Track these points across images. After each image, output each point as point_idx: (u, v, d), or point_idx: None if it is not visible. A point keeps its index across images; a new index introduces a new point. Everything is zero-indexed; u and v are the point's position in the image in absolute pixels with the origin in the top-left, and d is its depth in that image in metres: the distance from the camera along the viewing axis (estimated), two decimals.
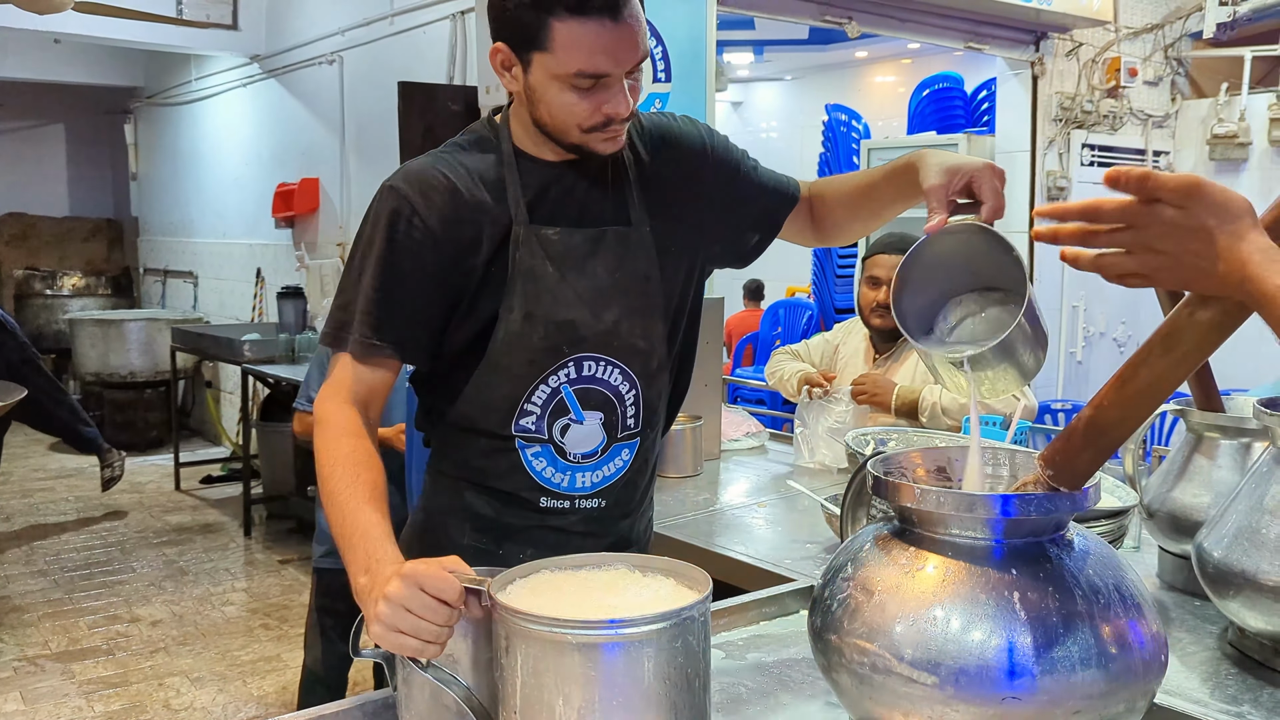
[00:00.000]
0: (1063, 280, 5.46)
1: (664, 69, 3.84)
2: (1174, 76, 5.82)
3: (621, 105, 1.30)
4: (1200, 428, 1.65)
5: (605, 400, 1.43)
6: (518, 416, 1.41)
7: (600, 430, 1.44)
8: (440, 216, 1.34)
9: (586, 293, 1.40)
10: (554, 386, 1.41)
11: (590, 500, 1.46)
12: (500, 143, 1.40)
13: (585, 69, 1.26)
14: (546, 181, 1.40)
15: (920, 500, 1.07)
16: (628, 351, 1.43)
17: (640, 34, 1.28)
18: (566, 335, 1.39)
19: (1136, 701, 1.05)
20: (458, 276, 1.37)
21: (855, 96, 7.47)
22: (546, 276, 1.38)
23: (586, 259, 1.40)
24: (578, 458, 1.44)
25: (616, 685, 0.96)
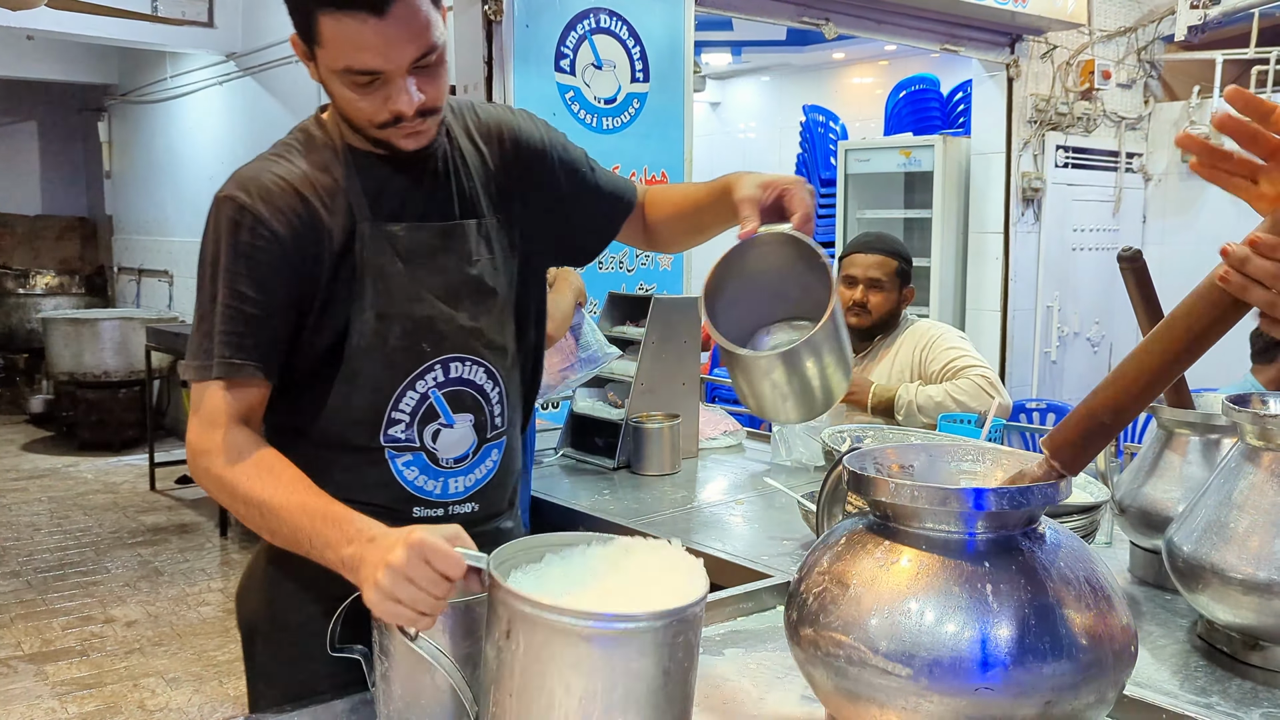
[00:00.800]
0: (1037, 280, 5.52)
1: (642, 69, 3.85)
2: (1147, 79, 5.88)
3: (404, 103, 1.24)
4: (1171, 424, 1.68)
5: (474, 401, 1.40)
6: (386, 425, 1.36)
7: (471, 432, 1.40)
8: (283, 221, 1.28)
9: (439, 289, 1.36)
10: (422, 391, 1.36)
11: (463, 505, 1.42)
12: (333, 140, 1.34)
13: (353, 65, 1.22)
14: (385, 177, 1.35)
15: (894, 494, 1.08)
16: (489, 349, 1.41)
17: (420, 27, 1.22)
18: (425, 334, 1.35)
19: (1107, 692, 1.07)
20: (308, 282, 1.31)
21: (832, 97, 7.50)
22: (396, 274, 1.33)
23: (436, 254, 1.36)
24: (450, 463, 1.40)
25: (619, 675, 0.97)
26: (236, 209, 1.28)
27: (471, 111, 1.46)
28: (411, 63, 1.23)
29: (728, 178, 1.40)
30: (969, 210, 5.46)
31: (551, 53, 3.63)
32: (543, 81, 3.62)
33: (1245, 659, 1.38)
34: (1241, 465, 1.39)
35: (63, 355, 7.65)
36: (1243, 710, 1.28)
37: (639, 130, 3.85)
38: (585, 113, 3.73)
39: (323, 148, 1.34)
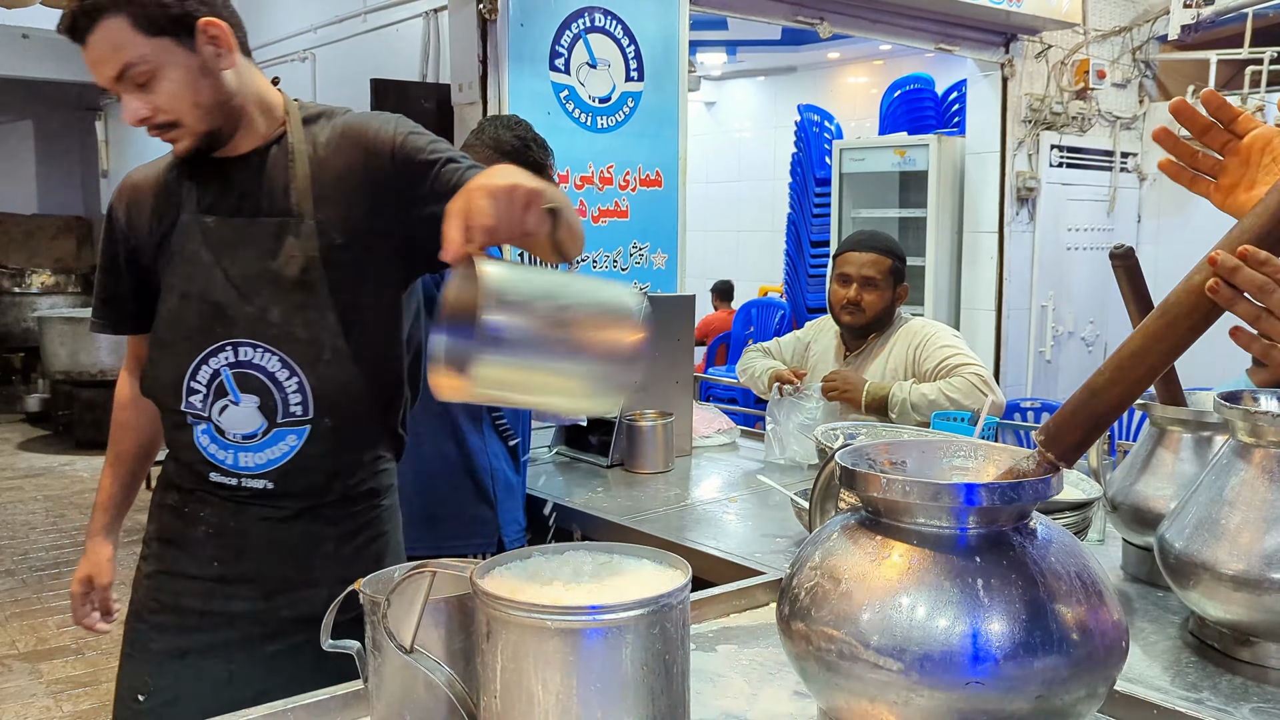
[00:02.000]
0: (1032, 280, 5.53)
1: (637, 68, 3.86)
2: (1141, 79, 5.90)
3: (126, 114, 1.46)
4: (1163, 422, 1.68)
5: (262, 385, 1.50)
6: (186, 393, 1.53)
7: (258, 414, 1.51)
8: (126, 209, 1.58)
9: (237, 279, 1.49)
10: (214, 369, 1.51)
11: (256, 480, 1.53)
12: None
13: (91, 74, 1.46)
14: (214, 175, 1.52)
15: (886, 489, 1.08)
16: (285, 339, 1.49)
17: (108, 48, 1.41)
18: (217, 317, 1.49)
19: (1097, 687, 1.07)
20: (143, 259, 1.57)
21: (827, 97, 7.52)
22: (202, 261, 1.50)
23: (238, 246, 1.50)
24: (238, 438, 1.51)
25: (595, 671, 0.97)
26: (113, 198, 1.62)
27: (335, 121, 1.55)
28: (113, 78, 1.43)
29: None
30: (964, 209, 5.47)
31: (546, 51, 3.64)
32: (537, 80, 3.62)
33: (1236, 655, 1.39)
34: (1233, 462, 1.40)
35: (59, 354, 7.64)
36: (1233, 705, 1.28)
37: (634, 129, 3.86)
38: (580, 111, 3.73)
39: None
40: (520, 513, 2.39)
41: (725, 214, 8.06)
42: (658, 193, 3.95)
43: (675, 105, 3.97)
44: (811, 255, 6.20)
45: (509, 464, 2.38)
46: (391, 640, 1.08)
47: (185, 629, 1.59)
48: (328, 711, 1.23)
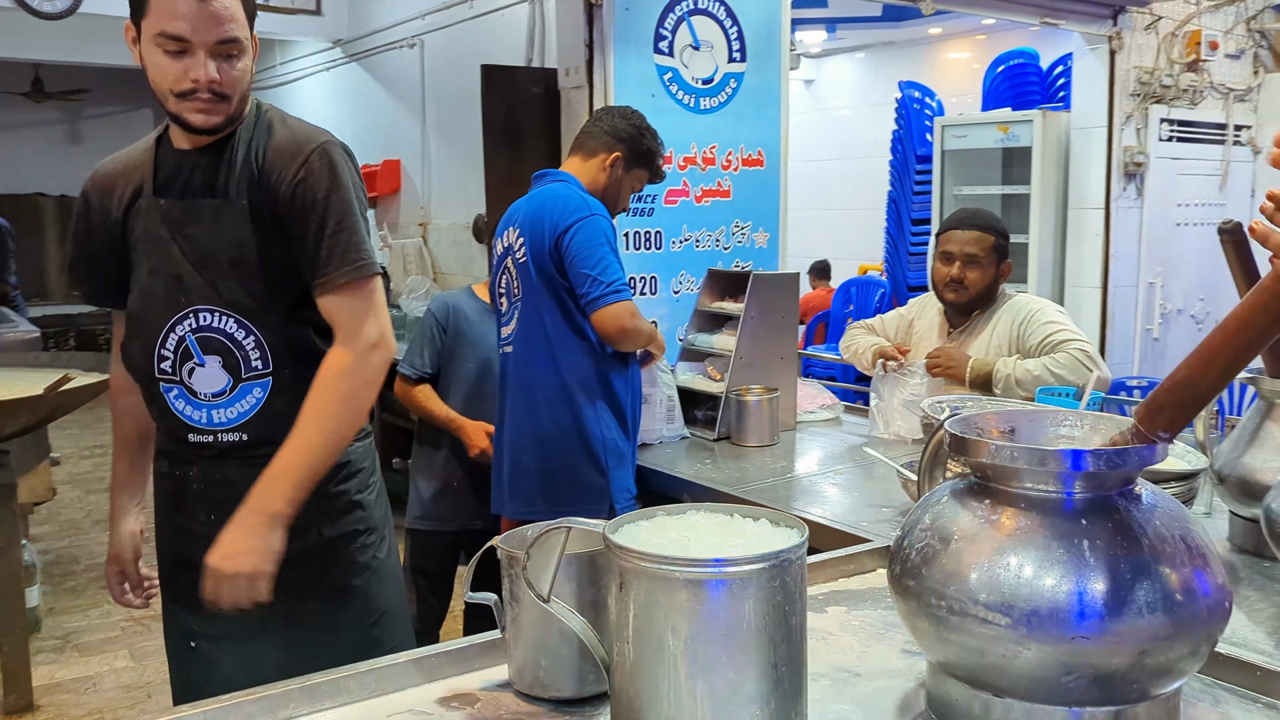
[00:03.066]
0: (1139, 257, 5.41)
1: (739, 49, 3.91)
2: (1256, 49, 5.69)
3: (200, 73, 1.58)
4: (1271, 395, 1.70)
5: (222, 346, 1.70)
6: (158, 360, 1.71)
7: (223, 372, 1.70)
8: (95, 191, 1.76)
9: (190, 253, 1.69)
10: (180, 335, 1.69)
11: (231, 434, 1.72)
12: (163, 137, 1.74)
13: (167, 30, 1.56)
14: (174, 163, 1.72)
15: (995, 455, 1.15)
16: (235, 304, 1.68)
17: (226, 17, 1.58)
18: (180, 287, 1.69)
19: (1200, 646, 1.12)
20: (110, 238, 1.75)
21: (928, 73, 7.42)
22: (161, 239, 1.69)
23: (188, 224, 1.69)
24: (208, 396, 1.71)
25: (720, 619, 1.05)
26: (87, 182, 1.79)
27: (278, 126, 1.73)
28: (215, 42, 1.58)
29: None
30: (1068, 186, 5.37)
31: (650, 34, 3.71)
32: (642, 63, 3.70)
33: None
34: None
35: None
36: None
37: (736, 110, 3.91)
38: (683, 93, 3.80)
39: (154, 143, 1.75)
40: (631, 481, 2.51)
41: (824, 192, 8.04)
42: (759, 172, 4.01)
43: (777, 85, 4.01)
44: (912, 233, 6.16)
45: (620, 434, 2.49)
46: (531, 590, 1.19)
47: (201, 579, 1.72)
48: (468, 659, 1.35)
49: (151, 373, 1.73)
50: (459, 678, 1.33)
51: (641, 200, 3.68)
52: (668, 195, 3.81)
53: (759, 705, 1.08)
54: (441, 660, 1.33)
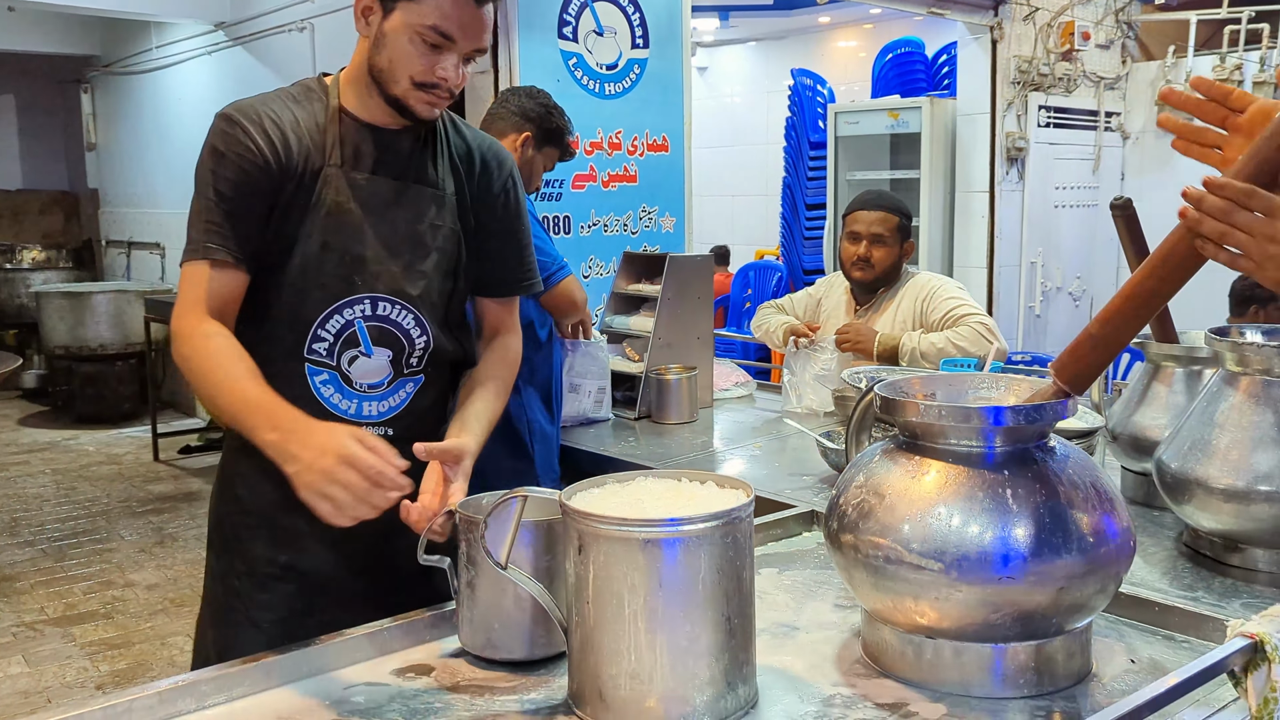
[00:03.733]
0: (1021, 238, 5.68)
1: (642, 35, 3.96)
2: (1124, 40, 6.03)
3: (452, 73, 1.50)
4: (1158, 358, 1.84)
5: (395, 339, 1.59)
6: (310, 341, 1.55)
7: (388, 365, 1.59)
8: (263, 136, 1.51)
9: (385, 236, 1.56)
10: (348, 319, 1.56)
11: (377, 428, 1.59)
12: (328, 99, 1.58)
13: (440, 25, 1.47)
14: (363, 137, 1.57)
15: (924, 414, 1.24)
16: (419, 298, 1.59)
17: (489, 27, 1.51)
18: (358, 269, 1.55)
19: (1108, 584, 1.23)
20: (273, 198, 1.52)
21: (819, 61, 7.61)
22: (350, 214, 1.54)
23: (389, 206, 1.57)
24: (364, 387, 1.59)
25: (677, 576, 1.11)
26: (228, 121, 1.52)
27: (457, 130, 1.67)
28: (471, 49, 1.52)
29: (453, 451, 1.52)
30: (955, 170, 5.60)
31: (554, 20, 3.73)
32: (547, 48, 3.72)
33: (1226, 560, 1.56)
34: (1222, 389, 1.56)
35: (57, 329, 7.70)
36: (1224, 602, 1.45)
37: (640, 95, 3.97)
38: (588, 79, 3.84)
39: (316, 103, 1.58)
40: (555, 462, 2.54)
41: (719, 179, 8.17)
42: (664, 157, 4.07)
43: (679, 71, 4.08)
44: (807, 218, 6.33)
45: (544, 415, 2.53)
46: (489, 557, 1.22)
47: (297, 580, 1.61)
48: (419, 631, 1.37)
49: (298, 352, 1.55)
50: (413, 649, 1.35)
51: (550, 185, 3.70)
52: (575, 180, 3.84)
53: (714, 657, 1.14)
54: (395, 633, 1.35)
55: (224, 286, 1.51)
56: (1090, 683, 1.24)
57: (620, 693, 1.13)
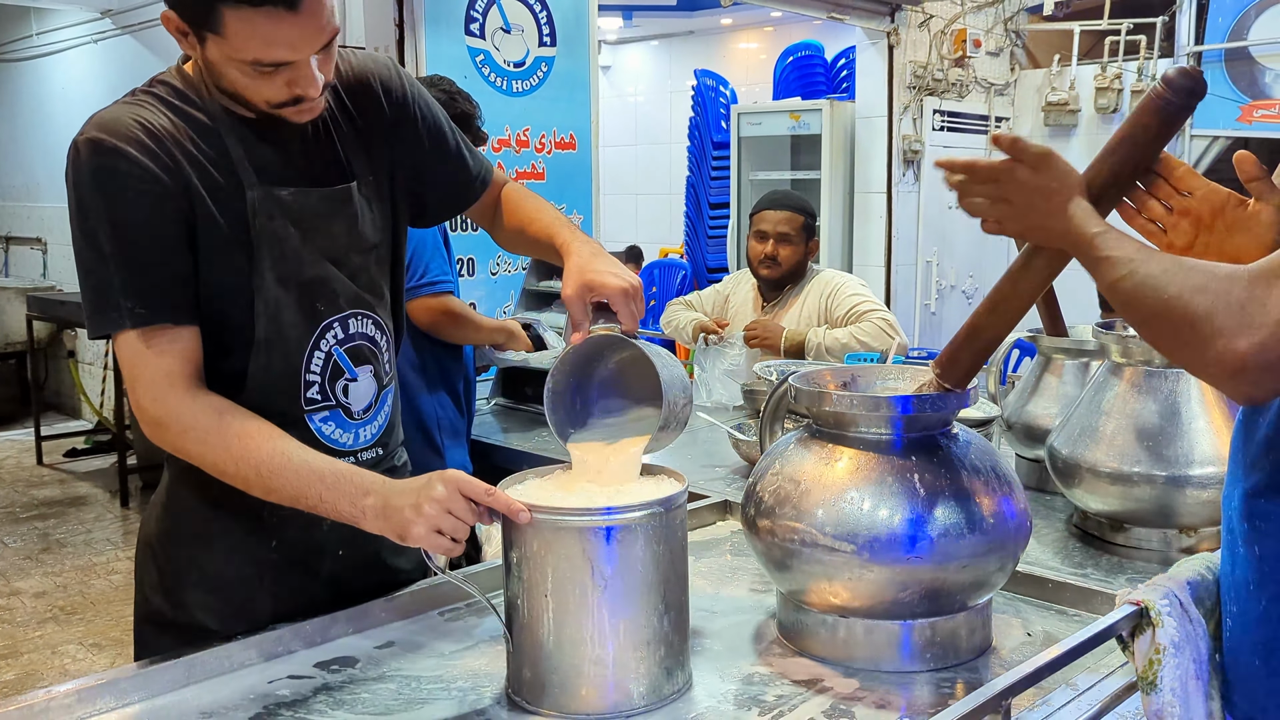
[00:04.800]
0: (918, 238, 5.87)
1: (549, 33, 3.97)
2: (1013, 48, 6.28)
3: (309, 85, 1.26)
4: (1049, 350, 1.95)
5: (370, 353, 1.46)
6: (304, 390, 1.38)
7: (373, 381, 1.46)
8: (155, 160, 1.25)
9: (330, 251, 1.38)
10: (326, 350, 1.40)
11: (369, 451, 1.47)
12: (204, 100, 1.31)
13: (262, 59, 1.21)
14: (261, 139, 1.34)
15: (837, 404, 1.30)
16: (375, 301, 1.45)
17: (325, 17, 1.22)
18: (319, 295, 1.38)
19: (1007, 562, 1.30)
20: (190, 225, 1.28)
21: (721, 62, 7.72)
22: (290, 239, 1.34)
23: (324, 218, 1.37)
24: (359, 413, 1.45)
25: (616, 561, 1.13)
26: (103, 151, 1.23)
27: (342, 62, 1.42)
28: (318, 48, 1.24)
29: (566, 243, 1.42)
30: (854, 171, 5.76)
31: (461, 16, 3.72)
32: (453, 45, 3.70)
33: (1112, 539, 1.66)
34: (1108, 379, 1.66)
35: None
36: (1111, 577, 1.55)
37: (548, 93, 3.98)
38: (496, 76, 3.83)
39: (190, 106, 1.31)
40: (466, 457, 2.54)
41: (623, 178, 8.22)
42: (572, 155, 4.09)
43: (586, 69, 4.10)
44: (711, 217, 6.42)
45: (454, 410, 2.53)
46: (430, 563, 1.22)
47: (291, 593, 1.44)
48: (340, 625, 1.37)
49: (295, 404, 1.38)
50: (337, 641, 1.35)
51: None
52: None
53: (652, 644, 1.16)
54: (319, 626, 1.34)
55: (181, 347, 1.28)
56: (991, 655, 1.31)
57: (561, 682, 1.15)
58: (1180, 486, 1.55)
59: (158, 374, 1.26)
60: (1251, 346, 0.92)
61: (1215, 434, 1.55)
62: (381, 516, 1.21)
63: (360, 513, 1.23)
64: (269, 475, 1.25)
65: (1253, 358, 0.92)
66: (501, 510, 1.16)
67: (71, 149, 1.26)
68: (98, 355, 7.05)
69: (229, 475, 1.27)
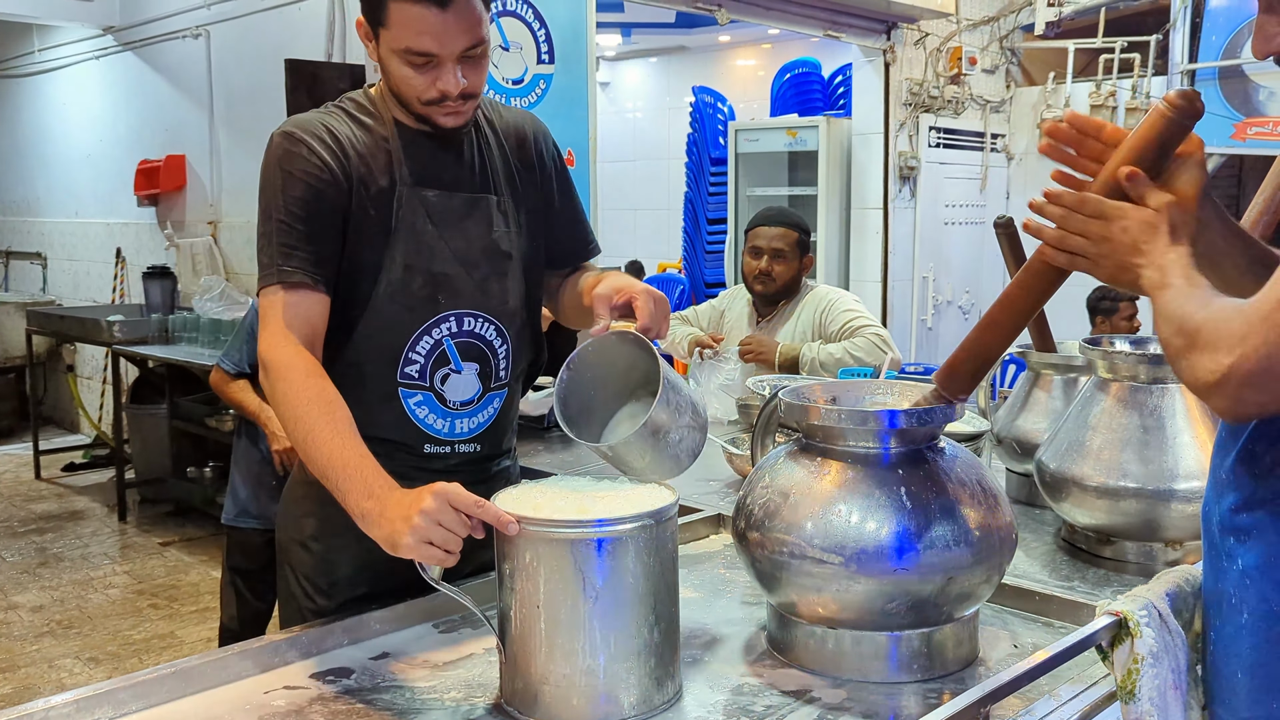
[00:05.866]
0: (914, 253, 5.90)
1: (547, 51, 4.01)
2: (1008, 66, 6.33)
3: (450, 84, 1.45)
4: (1038, 366, 1.97)
5: (481, 353, 1.59)
6: (403, 364, 1.53)
7: (476, 380, 1.58)
8: (330, 153, 1.48)
9: (461, 251, 1.56)
10: (436, 339, 1.54)
11: (468, 445, 1.60)
12: (380, 113, 1.55)
13: (413, 47, 1.43)
14: (425, 150, 1.55)
15: (825, 418, 1.32)
16: (500, 308, 1.59)
17: (472, 22, 1.43)
18: (442, 288, 1.54)
19: (993, 575, 1.32)
20: (345, 214, 1.49)
21: (719, 79, 7.77)
22: (426, 233, 1.53)
23: (462, 220, 1.56)
24: (457, 405, 1.57)
25: (607, 573, 1.15)
26: (291, 140, 1.49)
27: (496, 110, 1.67)
28: (462, 51, 1.44)
29: (600, 276, 1.60)
30: (851, 187, 5.80)
31: None
32: None
33: (1099, 553, 1.68)
34: (1095, 394, 1.68)
35: None
36: (1098, 590, 1.57)
37: (546, 110, 4.01)
38: (494, 93, 3.87)
39: (369, 117, 1.55)
40: None
41: (621, 193, 8.26)
42: (570, 171, 4.12)
43: (584, 86, 4.14)
44: (708, 232, 6.46)
45: None
46: (423, 574, 1.23)
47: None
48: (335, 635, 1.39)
49: (392, 377, 1.53)
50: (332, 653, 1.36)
51: None
52: None
53: (643, 655, 1.18)
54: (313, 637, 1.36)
55: (309, 311, 1.46)
56: (978, 666, 1.33)
57: (552, 692, 1.17)
58: (1165, 500, 1.57)
59: (281, 325, 1.44)
60: (1234, 360, 0.95)
61: (1200, 448, 1.57)
62: (376, 524, 1.24)
63: (360, 514, 1.28)
64: (313, 445, 1.35)
65: (1234, 372, 0.95)
66: (490, 522, 1.18)
67: (269, 141, 1.51)
68: (96, 369, 7.07)
69: (290, 431, 1.39)
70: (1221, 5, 5.48)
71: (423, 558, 1.21)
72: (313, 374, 1.40)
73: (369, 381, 1.53)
